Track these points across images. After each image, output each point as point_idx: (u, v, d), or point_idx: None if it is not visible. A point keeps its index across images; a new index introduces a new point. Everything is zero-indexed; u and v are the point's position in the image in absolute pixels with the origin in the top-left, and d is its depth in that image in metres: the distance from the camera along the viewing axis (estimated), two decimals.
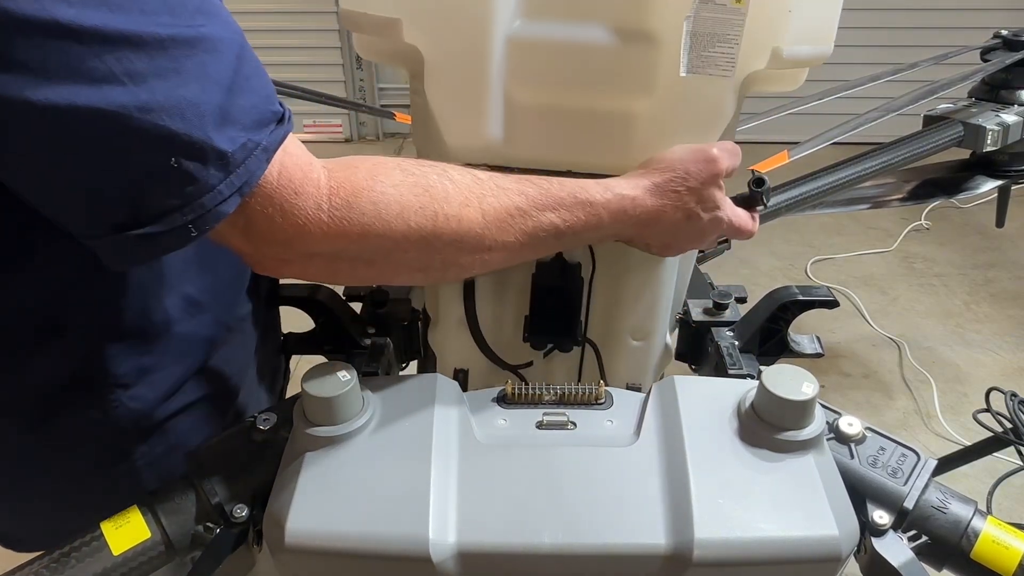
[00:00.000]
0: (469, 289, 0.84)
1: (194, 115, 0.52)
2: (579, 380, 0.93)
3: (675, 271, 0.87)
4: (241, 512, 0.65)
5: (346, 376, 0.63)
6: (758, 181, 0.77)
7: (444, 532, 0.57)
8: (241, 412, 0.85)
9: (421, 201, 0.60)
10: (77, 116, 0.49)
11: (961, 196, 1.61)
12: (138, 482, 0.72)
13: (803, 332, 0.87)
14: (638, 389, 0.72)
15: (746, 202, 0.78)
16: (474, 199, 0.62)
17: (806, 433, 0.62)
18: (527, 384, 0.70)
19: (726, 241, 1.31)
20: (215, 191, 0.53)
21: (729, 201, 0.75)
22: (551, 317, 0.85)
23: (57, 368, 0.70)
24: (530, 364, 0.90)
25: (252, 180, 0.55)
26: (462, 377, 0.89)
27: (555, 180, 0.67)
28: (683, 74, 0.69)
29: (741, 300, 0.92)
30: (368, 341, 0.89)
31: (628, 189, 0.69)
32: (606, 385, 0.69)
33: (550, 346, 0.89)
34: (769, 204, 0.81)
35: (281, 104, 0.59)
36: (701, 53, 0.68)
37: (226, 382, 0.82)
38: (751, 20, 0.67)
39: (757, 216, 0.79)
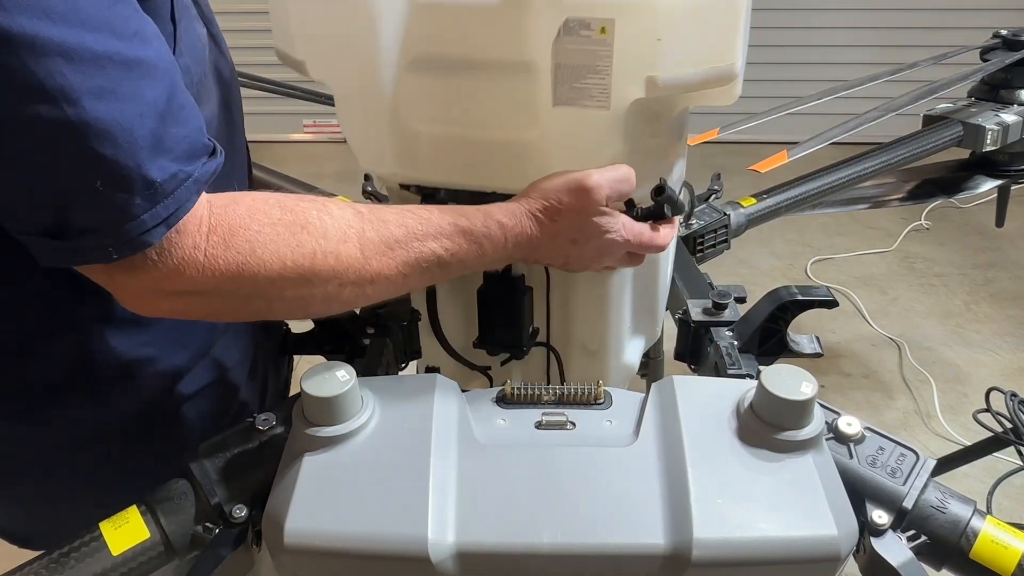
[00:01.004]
0: (432, 296, 0.88)
1: (126, 141, 0.51)
2: (547, 383, 0.95)
3: (625, 292, 0.89)
4: (240, 512, 0.65)
5: (345, 376, 0.63)
6: (658, 189, 0.75)
7: (443, 532, 0.57)
8: (245, 404, 0.86)
9: (299, 239, 0.60)
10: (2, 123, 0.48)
11: (961, 196, 1.61)
12: (147, 477, 0.72)
13: (803, 332, 0.87)
14: None
15: (651, 214, 0.77)
16: (353, 234, 0.62)
17: (805, 433, 0.62)
18: (526, 384, 0.70)
19: (725, 242, 1.32)
20: (138, 220, 0.53)
21: (625, 220, 0.74)
22: (498, 327, 0.87)
23: (58, 364, 0.70)
24: (490, 367, 0.94)
25: (180, 211, 0.54)
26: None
27: (436, 209, 0.67)
28: (552, 105, 0.70)
29: (740, 300, 0.92)
30: (368, 341, 0.89)
31: (506, 217, 0.69)
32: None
33: (507, 355, 0.91)
34: (684, 210, 0.80)
35: (211, 138, 0.59)
36: (573, 85, 0.69)
37: (228, 373, 0.83)
38: (620, 50, 0.66)
39: (669, 226, 0.77)
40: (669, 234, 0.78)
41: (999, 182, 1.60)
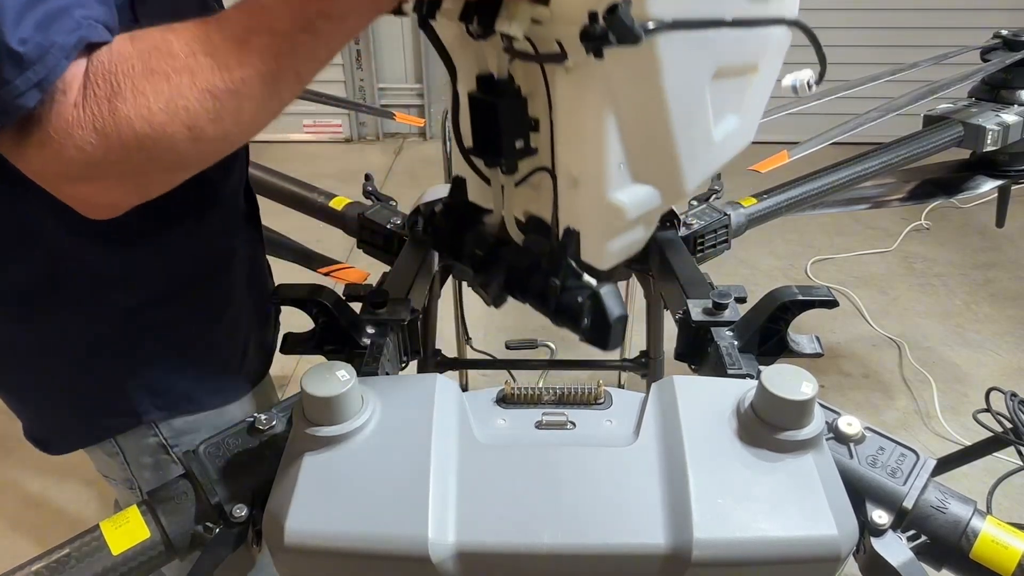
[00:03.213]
0: (455, 103, 0.79)
1: None
2: (553, 216, 0.81)
3: (608, 120, 0.74)
4: (241, 512, 0.65)
5: (345, 376, 0.63)
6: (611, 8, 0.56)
7: (443, 532, 0.57)
8: (220, 348, 0.92)
9: (149, 65, 0.60)
10: None
11: (961, 196, 1.61)
12: (138, 378, 0.76)
13: (803, 332, 0.87)
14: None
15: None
16: (199, 46, 0.60)
17: (805, 433, 0.62)
18: (526, 385, 0.70)
19: (725, 242, 1.32)
20: (11, 85, 0.55)
21: None
22: (485, 134, 0.79)
23: (30, 274, 0.77)
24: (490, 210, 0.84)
25: (51, 76, 0.57)
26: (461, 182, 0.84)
27: None
28: None
29: (741, 300, 0.92)
30: (368, 341, 0.89)
31: None
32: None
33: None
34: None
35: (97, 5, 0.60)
36: None
37: (212, 297, 0.89)
38: None
39: None
40: None
41: (999, 182, 1.60)
